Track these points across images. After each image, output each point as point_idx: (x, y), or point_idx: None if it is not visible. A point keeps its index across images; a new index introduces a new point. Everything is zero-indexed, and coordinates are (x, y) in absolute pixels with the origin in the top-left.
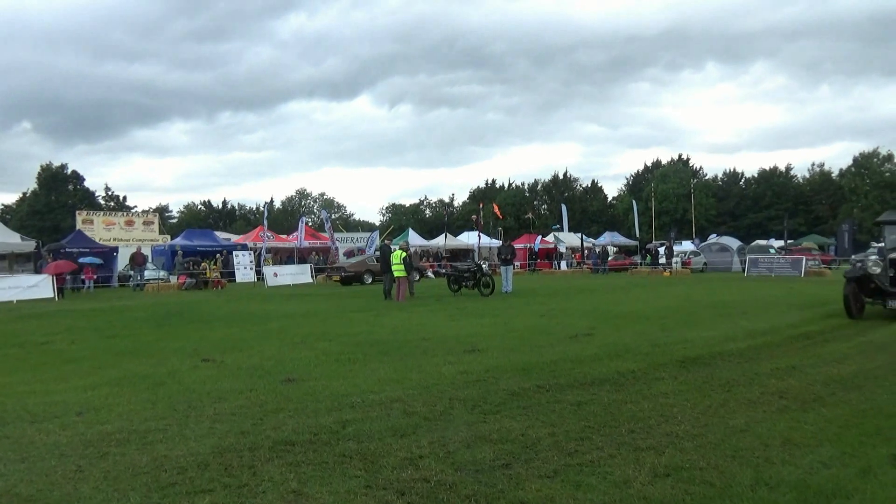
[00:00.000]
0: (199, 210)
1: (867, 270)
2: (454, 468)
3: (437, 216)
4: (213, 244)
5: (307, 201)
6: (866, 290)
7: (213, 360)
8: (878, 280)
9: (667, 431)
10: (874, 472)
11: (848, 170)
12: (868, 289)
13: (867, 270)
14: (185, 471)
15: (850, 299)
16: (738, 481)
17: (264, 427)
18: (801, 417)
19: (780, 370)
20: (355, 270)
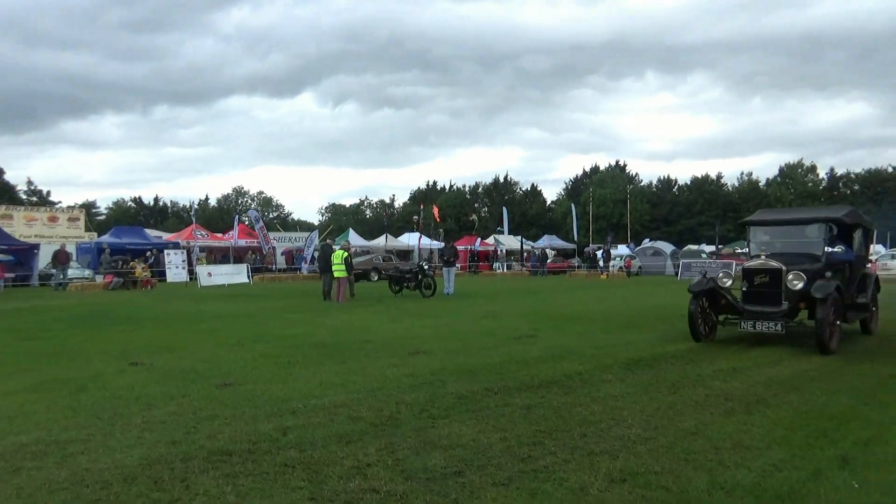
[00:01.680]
0: (129, 207)
1: (717, 283)
2: (404, 477)
3: (377, 217)
4: (143, 242)
5: (244, 200)
6: (717, 307)
7: (142, 364)
8: (729, 295)
9: (619, 435)
10: (825, 475)
11: (774, 179)
12: (719, 305)
13: (717, 283)
14: (110, 485)
15: (696, 318)
16: (693, 486)
17: (198, 435)
18: (747, 420)
19: (722, 372)
20: (363, 269)
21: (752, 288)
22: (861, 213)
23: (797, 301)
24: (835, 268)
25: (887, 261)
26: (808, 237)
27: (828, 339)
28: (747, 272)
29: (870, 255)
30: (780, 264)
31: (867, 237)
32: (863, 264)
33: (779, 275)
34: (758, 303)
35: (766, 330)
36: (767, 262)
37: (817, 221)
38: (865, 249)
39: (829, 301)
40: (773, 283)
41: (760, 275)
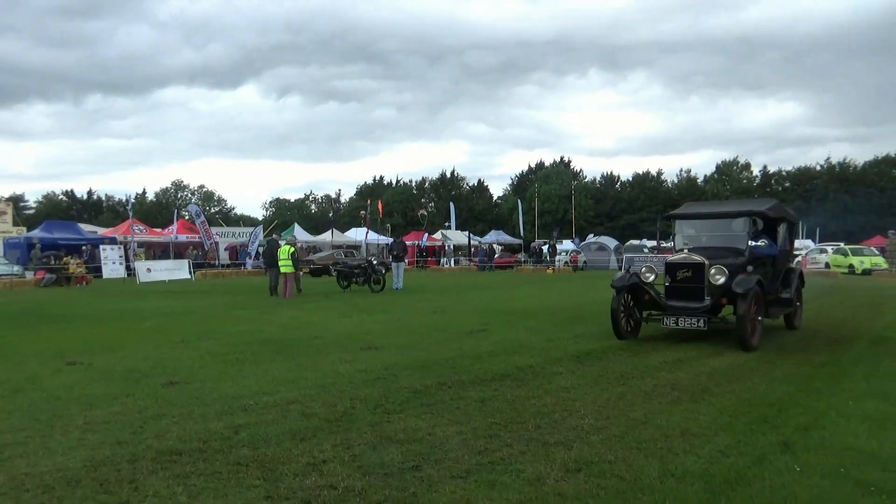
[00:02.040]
0: (61, 200)
1: (640, 278)
2: (361, 472)
3: (323, 212)
4: (76, 237)
5: (184, 194)
6: (641, 303)
7: (80, 363)
8: (652, 290)
9: (572, 426)
10: (769, 460)
11: (711, 176)
12: (643, 301)
13: (640, 278)
14: (52, 489)
15: (618, 315)
16: (646, 473)
17: (145, 436)
18: (694, 408)
19: (668, 363)
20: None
21: (674, 283)
22: (785, 207)
23: (720, 296)
24: (758, 262)
25: (816, 255)
26: (732, 231)
27: (749, 335)
28: (670, 267)
29: (794, 249)
30: (702, 258)
31: (792, 231)
32: (787, 259)
33: (701, 269)
34: (680, 298)
35: (689, 326)
36: (690, 257)
37: (741, 215)
38: (790, 244)
39: (750, 296)
40: (696, 277)
41: (683, 269)
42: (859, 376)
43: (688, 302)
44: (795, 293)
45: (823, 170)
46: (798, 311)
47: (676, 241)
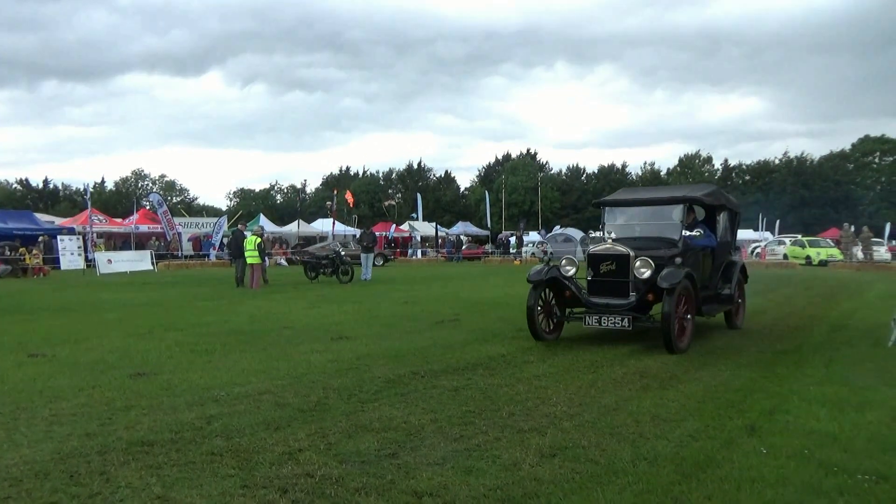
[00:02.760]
0: (15, 189)
1: (560, 271)
2: (338, 460)
3: (288, 202)
4: (32, 227)
5: (145, 183)
6: (563, 299)
7: (44, 355)
8: (573, 285)
9: (545, 413)
10: (736, 443)
11: (674, 169)
12: (564, 297)
13: (560, 271)
14: (20, 482)
15: (534, 313)
16: (619, 457)
17: (114, 427)
18: (663, 395)
19: (636, 351)
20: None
21: (597, 277)
22: (726, 194)
23: (646, 292)
24: (693, 254)
25: (774, 247)
26: (665, 220)
27: (676, 336)
28: (592, 259)
29: (736, 240)
30: (627, 249)
31: (734, 221)
32: (728, 251)
33: (626, 262)
34: (604, 294)
35: (612, 326)
36: (613, 248)
37: (675, 202)
38: (731, 234)
39: (677, 292)
40: (620, 271)
41: (606, 262)
42: (819, 362)
43: (612, 298)
44: (737, 289)
45: (781, 164)
46: (741, 308)
47: (604, 230)
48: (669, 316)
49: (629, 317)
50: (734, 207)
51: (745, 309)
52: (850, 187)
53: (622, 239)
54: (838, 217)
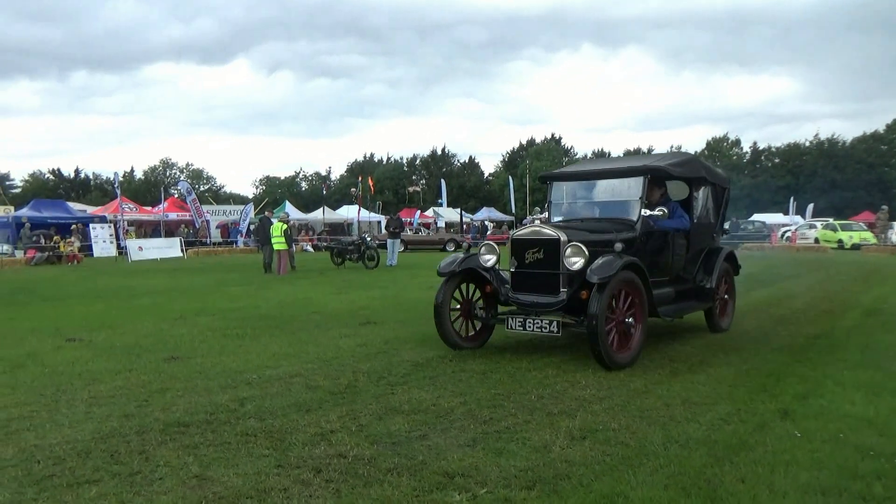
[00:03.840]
0: (48, 179)
1: (479, 261)
2: (369, 442)
3: (313, 189)
4: (66, 216)
5: (172, 172)
6: (487, 296)
7: (81, 340)
8: (494, 279)
9: (574, 396)
10: (769, 427)
11: (701, 152)
12: (488, 293)
13: (479, 261)
14: (63, 460)
15: (444, 313)
16: (650, 440)
17: (151, 408)
18: (693, 378)
19: (665, 335)
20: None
21: (522, 268)
22: (709, 165)
23: (579, 287)
24: (656, 238)
25: (805, 231)
26: (622, 196)
27: (616, 346)
28: (516, 245)
29: (724, 221)
30: (556, 233)
31: (720, 198)
32: (710, 234)
33: (556, 248)
34: (530, 289)
35: (538, 331)
36: (541, 230)
37: (632, 174)
38: (716, 215)
39: (609, 287)
40: (549, 260)
41: (533, 248)
42: (853, 347)
43: (539, 295)
44: (720, 282)
45: (812, 146)
46: (727, 306)
47: (551, 211)
48: (596, 318)
49: (558, 319)
50: (720, 182)
51: (734, 307)
52: (884, 170)
53: (569, 221)
54: (871, 200)
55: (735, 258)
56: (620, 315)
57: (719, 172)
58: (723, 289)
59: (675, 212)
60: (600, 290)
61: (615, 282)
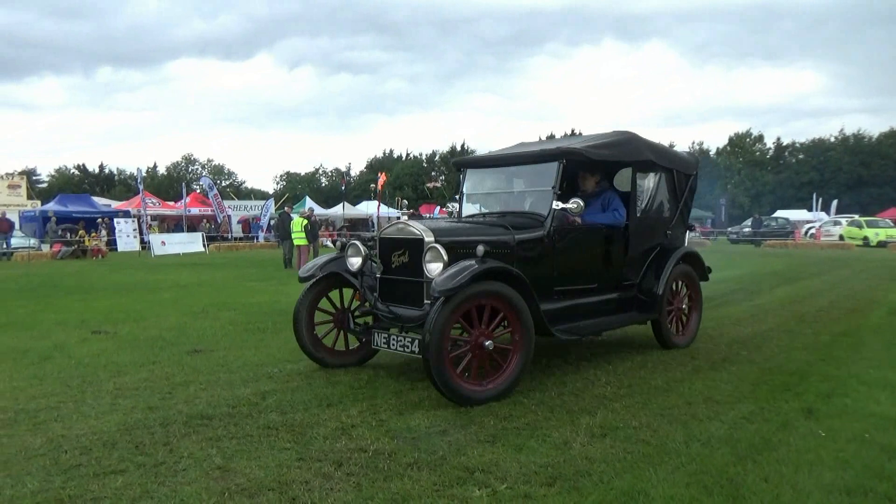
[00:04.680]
0: (73, 174)
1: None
2: (390, 436)
3: (333, 185)
4: (91, 210)
5: (194, 167)
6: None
7: (106, 332)
8: (360, 285)
9: (594, 393)
10: (793, 426)
11: (724, 148)
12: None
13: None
14: (90, 451)
15: (300, 321)
16: (671, 438)
17: (175, 401)
18: (714, 376)
19: None
20: None
21: (388, 273)
22: (657, 146)
23: None
24: (574, 237)
25: (830, 227)
26: (537, 186)
27: (452, 373)
28: (382, 245)
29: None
30: (421, 231)
31: (677, 186)
32: (661, 231)
33: (420, 250)
34: (395, 298)
35: (402, 350)
36: (406, 228)
37: (545, 158)
38: (673, 207)
39: (454, 303)
40: (414, 265)
41: (398, 251)
42: (879, 346)
43: (403, 306)
44: (673, 289)
45: (838, 141)
46: (690, 319)
47: (462, 203)
48: (432, 342)
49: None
50: (680, 167)
51: (698, 320)
52: None
53: (472, 217)
54: None
55: (699, 259)
56: (481, 336)
57: (680, 155)
58: (680, 297)
59: (609, 204)
60: (444, 304)
61: (468, 295)
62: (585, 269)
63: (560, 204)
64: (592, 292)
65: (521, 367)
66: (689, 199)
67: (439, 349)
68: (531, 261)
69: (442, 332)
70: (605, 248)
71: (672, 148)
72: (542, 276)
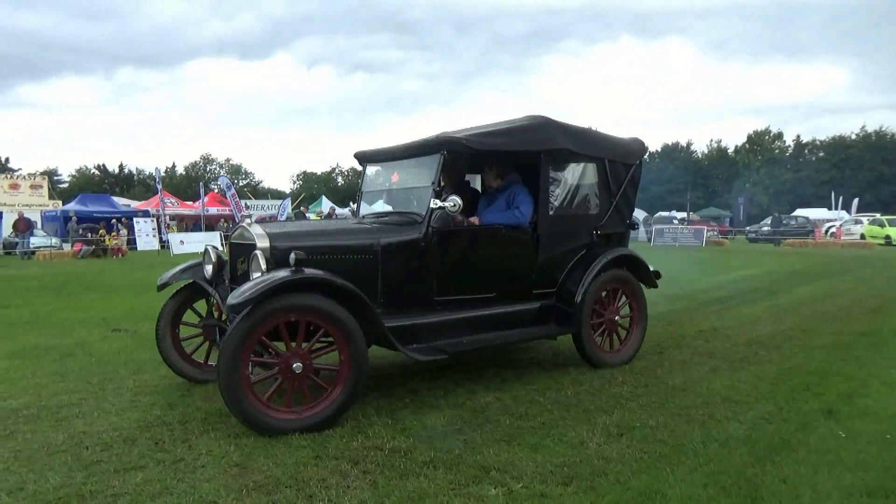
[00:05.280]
0: (93, 174)
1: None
2: (405, 435)
3: (350, 185)
4: (111, 210)
5: (212, 167)
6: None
7: (126, 330)
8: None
9: (611, 393)
10: (812, 426)
11: (742, 146)
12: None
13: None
14: (110, 447)
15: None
16: (689, 438)
17: (193, 398)
18: (733, 376)
19: (704, 332)
20: None
21: (234, 281)
22: (580, 131)
23: None
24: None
25: (851, 226)
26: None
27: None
28: (231, 251)
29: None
30: (256, 236)
31: (614, 179)
32: (585, 231)
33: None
34: None
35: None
36: (244, 232)
37: (426, 151)
38: (605, 203)
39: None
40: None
41: (240, 256)
42: None
43: None
44: (599, 298)
45: (859, 138)
46: (631, 334)
47: (359, 203)
48: (225, 369)
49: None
50: (613, 156)
51: (640, 335)
52: None
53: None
54: None
55: (639, 263)
56: (292, 357)
57: (616, 142)
58: (615, 308)
59: (513, 200)
60: (242, 320)
61: (270, 310)
62: (479, 277)
63: (438, 202)
64: (490, 303)
65: (350, 391)
66: (631, 192)
67: (230, 372)
68: (402, 268)
69: (234, 353)
70: (506, 252)
71: (609, 134)
72: (417, 285)
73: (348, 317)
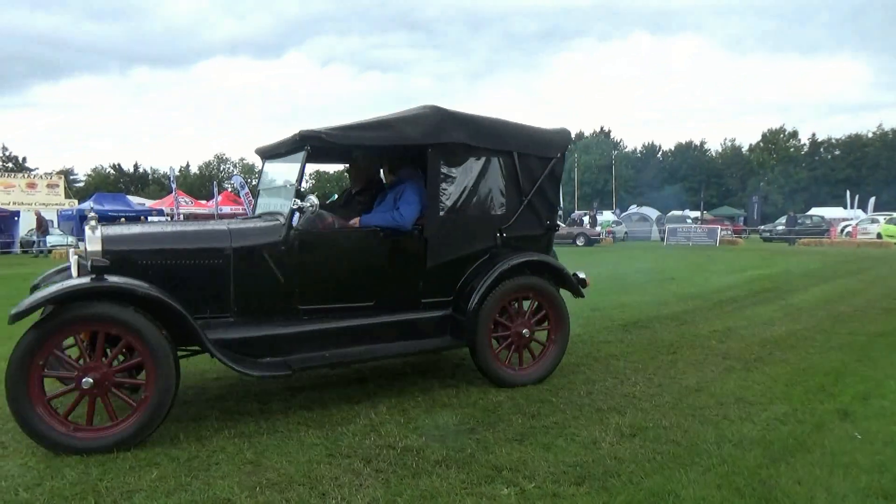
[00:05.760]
0: (108, 174)
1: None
2: (418, 434)
3: None
4: (127, 209)
5: (226, 166)
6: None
7: None
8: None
9: (624, 393)
10: (827, 427)
11: (756, 145)
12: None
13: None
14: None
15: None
16: (702, 439)
17: (207, 396)
18: (747, 377)
19: (717, 332)
20: None
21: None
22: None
23: None
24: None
25: (867, 225)
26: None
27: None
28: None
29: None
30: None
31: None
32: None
33: None
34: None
35: None
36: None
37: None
38: (510, 201)
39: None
40: None
41: None
42: None
43: None
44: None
45: (876, 137)
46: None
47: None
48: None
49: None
50: (525, 149)
51: (556, 351)
52: None
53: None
54: None
55: (557, 269)
56: (90, 371)
57: (531, 133)
58: (524, 320)
59: (400, 198)
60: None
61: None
62: (353, 284)
63: (298, 202)
64: (368, 312)
65: (156, 406)
66: (551, 189)
67: (16, 384)
68: (259, 273)
69: (20, 364)
70: (385, 258)
71: (524, 124)
72: (277, 293)
73: (149, 328)
